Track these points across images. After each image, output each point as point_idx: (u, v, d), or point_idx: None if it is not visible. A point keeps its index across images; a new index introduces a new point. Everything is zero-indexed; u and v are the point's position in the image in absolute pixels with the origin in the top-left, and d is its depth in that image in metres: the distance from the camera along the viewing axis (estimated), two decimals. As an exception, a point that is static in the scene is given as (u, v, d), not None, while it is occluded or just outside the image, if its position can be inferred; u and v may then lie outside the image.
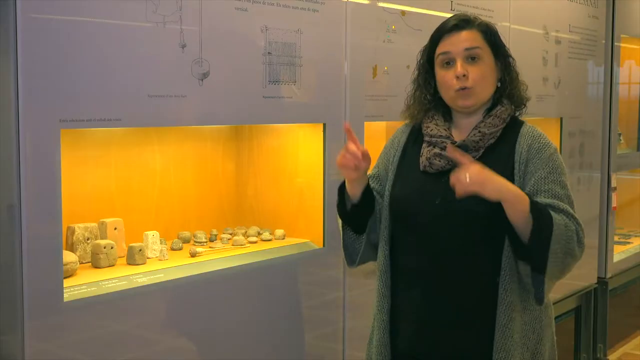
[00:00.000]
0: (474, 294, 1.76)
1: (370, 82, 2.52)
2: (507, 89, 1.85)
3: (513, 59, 1.88)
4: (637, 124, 4.84)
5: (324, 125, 2.37)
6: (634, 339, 4.55)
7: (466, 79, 1.77)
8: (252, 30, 2.12)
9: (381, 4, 2.55)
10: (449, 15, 2.78)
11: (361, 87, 2.48)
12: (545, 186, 1.74)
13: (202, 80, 1.99)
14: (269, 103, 2.19)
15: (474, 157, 1.76)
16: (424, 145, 1.85)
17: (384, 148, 2.01)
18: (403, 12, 2.63)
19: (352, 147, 1.77)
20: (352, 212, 1.88)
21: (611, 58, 4.14)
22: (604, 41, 4.08)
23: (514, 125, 1.84)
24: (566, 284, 3.80)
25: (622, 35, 4.22)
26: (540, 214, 1.65)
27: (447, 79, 1.80)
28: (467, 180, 1.60)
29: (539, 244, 1.65)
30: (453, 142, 1.80)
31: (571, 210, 1.73)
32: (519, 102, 1.88)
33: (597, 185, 4.11)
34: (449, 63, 1.80)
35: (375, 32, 2.53)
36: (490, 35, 1.82)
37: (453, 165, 1.73)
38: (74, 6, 1.71)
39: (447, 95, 1.83)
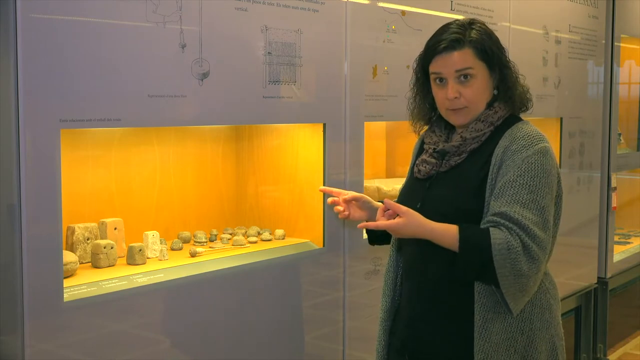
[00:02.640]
0: (454, 294, 1.76)
1: (370, 82, 2.52)
2: (503, 95, 1.83)
3: (509, 67, 1.84)
4: (637, 124, 4.84)
5: (324, 125, 2.37)
6: (634, 339, 4.54)
7: (458, 100, 1.78)
8: (252, 30, 2.12)
9: (381, 4, 2.54)
10: (449, 15, 2.78)
11: (361, 87, 2.48)
12: (510, 190, 1.67)
13: (202, 80, 1.99)
14: (269, 103, 2.19)
15: (455, 161, 1.80)
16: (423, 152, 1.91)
17: None
18: (403, 12, 2.63)
19: (330, 200, 1.90)
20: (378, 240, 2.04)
21: (611, 58, 4.14)
22: (604, 41, 4.08)
23: (505, 127, 1.80)
24: (566, 284, 3.80)
25: (622, 35, 4.22)
26: (466, 246, 1.65)
27: (440, 97, 1.82)
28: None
29: (473, 273, 1.68)
30: (435, 149, 1.83)
31: (524, 221, 1.64)
32: (518, 105, 1.85)
33: (597, 185, 4.11)
34: (442, 80, 1.80)
35: (375, 32, 2.53)
36: (483, 51, 1.78)
37: (438, 171, 1.81)
38: (74, 6, 1.71)
39: (441, 110, 1.85)
